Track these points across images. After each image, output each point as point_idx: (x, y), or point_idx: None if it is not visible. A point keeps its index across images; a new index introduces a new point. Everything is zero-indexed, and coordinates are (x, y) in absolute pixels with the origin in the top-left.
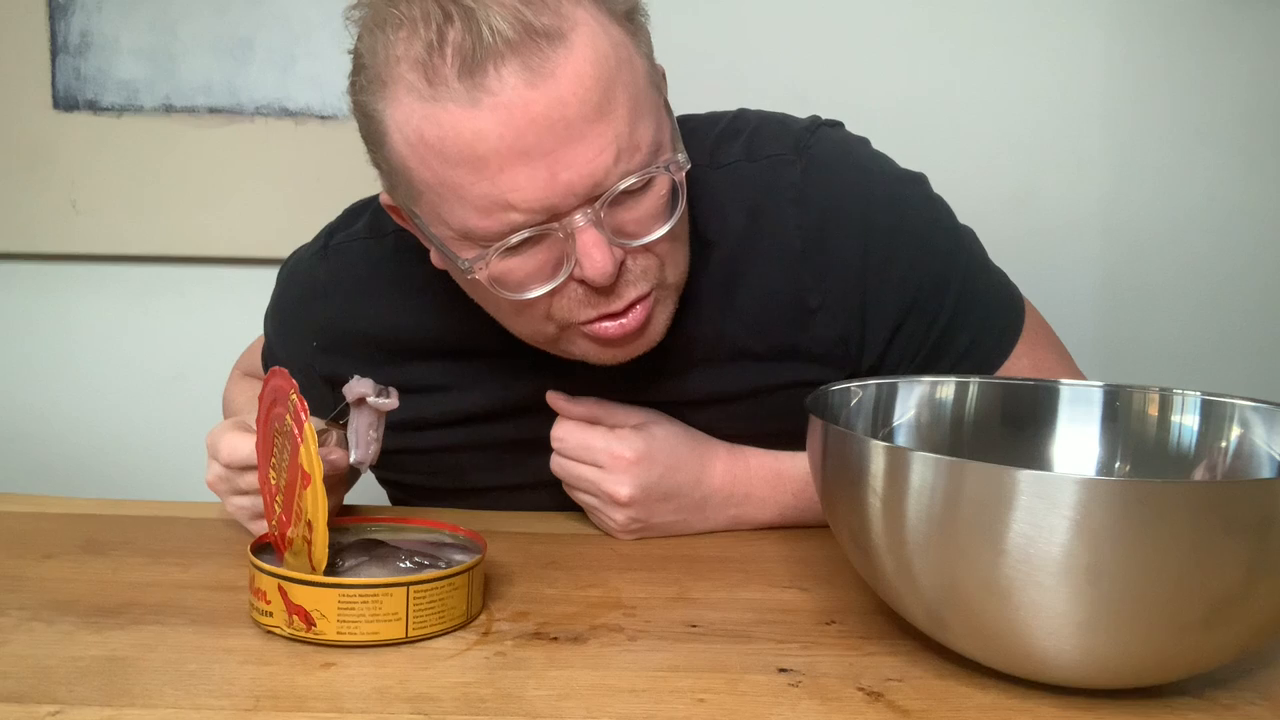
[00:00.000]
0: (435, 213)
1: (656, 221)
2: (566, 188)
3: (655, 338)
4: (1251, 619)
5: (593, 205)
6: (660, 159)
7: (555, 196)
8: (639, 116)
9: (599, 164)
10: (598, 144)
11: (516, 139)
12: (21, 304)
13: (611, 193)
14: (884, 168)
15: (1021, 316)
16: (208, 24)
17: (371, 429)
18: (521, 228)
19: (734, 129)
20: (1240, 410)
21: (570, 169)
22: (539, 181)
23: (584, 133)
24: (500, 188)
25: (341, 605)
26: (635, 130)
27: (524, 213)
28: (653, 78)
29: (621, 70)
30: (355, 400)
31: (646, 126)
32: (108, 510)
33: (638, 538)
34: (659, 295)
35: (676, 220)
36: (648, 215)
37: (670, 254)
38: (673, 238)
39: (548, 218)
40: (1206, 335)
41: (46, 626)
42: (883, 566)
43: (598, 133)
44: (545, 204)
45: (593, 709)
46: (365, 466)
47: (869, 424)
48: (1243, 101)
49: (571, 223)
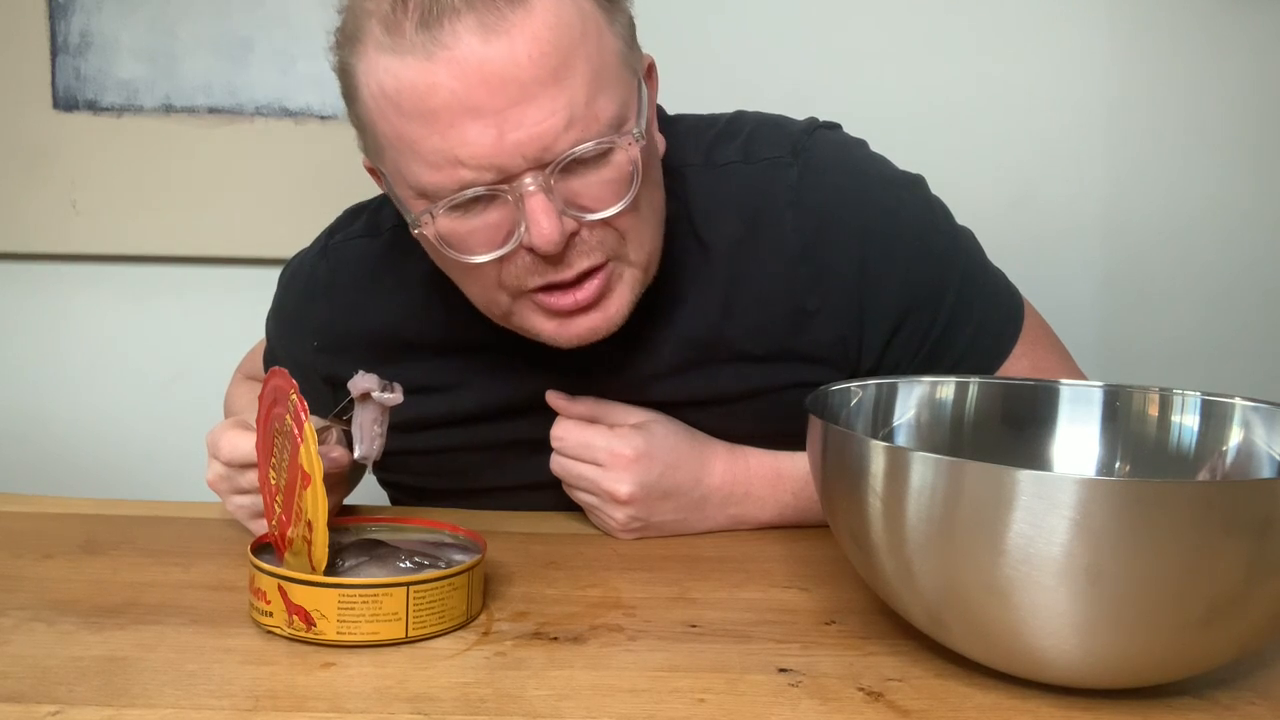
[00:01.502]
0: (396, 169)
1: (613, 197)
2: (515, 147)
3: (615, 318)
4: (1251, 619)
5: (543, 171)
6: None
7: (503, 155)
8: (599, 89)
9: (548, 126)
10: (549, 107)
11: (468, 94)
12: (21, 304)
13: (562, 159)
14: (882, 170)
15: (1021, 317)
16: (208, 24)
17: (376, 424)
18: (470, 185)
19: (731, 130)
20: (1240, 410)
21: (520, 129)
22: (487, 138)
23: (536, 94)
24: (450, 142)
25: (341, 605)
26: (593, 101)
27: (472, 169)
28: (627, 59)
29: (586, 41)
30: (360, 395)
31: (608, 101)
32: (107, 510)
33: (638, 537)
34: (617, 270)
35: (632, 197)
36: (604, 189)
37: (633, 230)
38: (635, 214)
39: (497, 178)
40: (1206, 335)
41: (46, 626)
42: (883, 566)
43: (550, 96)
44: (493, 161)
45: (593, 709)
46: (369, 462)
47: (869, 424)
48: (1243, 101)
49: (521, 186)
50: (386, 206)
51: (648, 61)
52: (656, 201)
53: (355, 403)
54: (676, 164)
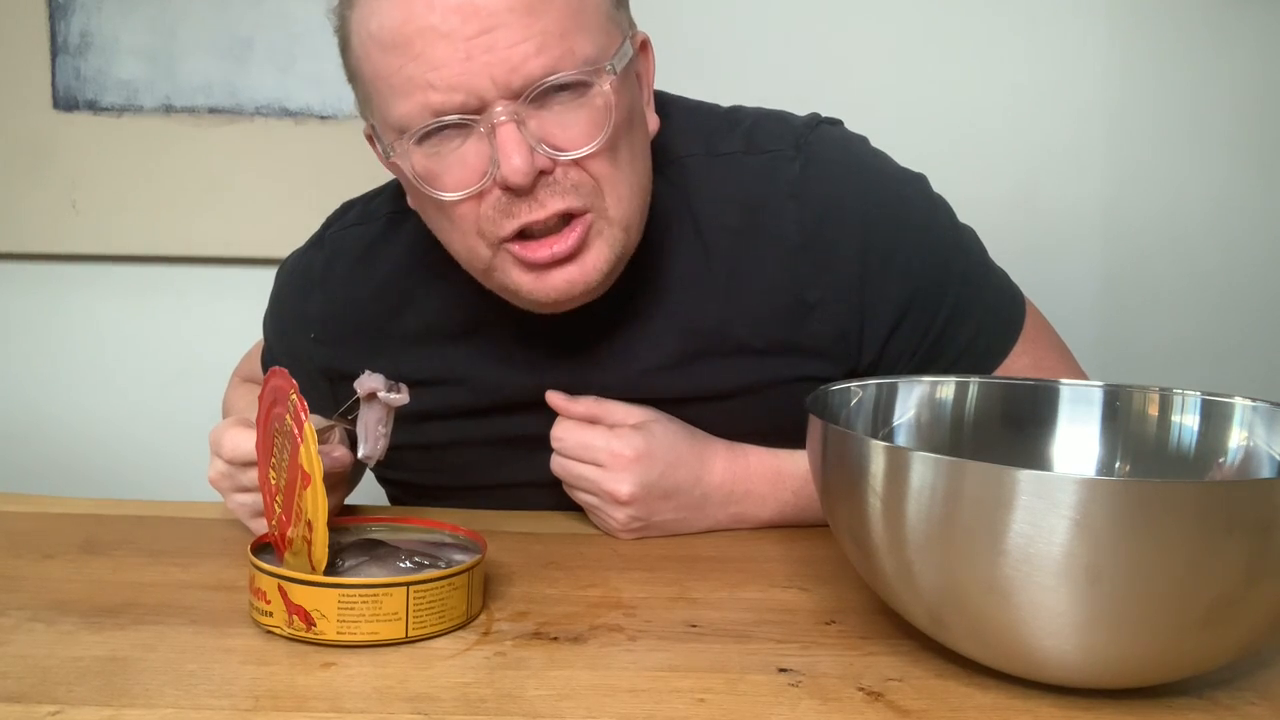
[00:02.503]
0: (380, 114)
1: (586, 136)
2: (483, 68)
3: (592, 273)
4: (1251, 619)
5: (515, 101)
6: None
7: (470, 75)
8: (578, 29)
9: (517, 50)
10: (520, 34)
11: (440, 20)
12: (21, 304)
13: (533, 89)
14: (883, 165)
15: (1022, 315)
16: (208, 24)
17: (380, 424)
18: (441, 110)
19: (732, 119)
20: (1241, 410)
21: (490, 52)
22: (456, 59)
23: (508, 21)
24: (421, 66)
25: (341, 605)
26: (569, 37)
27: (441, 91)
28: (613, 16)
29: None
30: (366, 395)
31: (586, 41)
32: (108, 510)
33: (638, 537)
34: (596, 224)
35: (606, 137)
36: (578, 127)
37: (609, 180)
38: (612, 162)
39: (467, 100)
40: (1206, 335)
41: (46, 626)
42: (883, 566)
43: (523, 24)
44: (461, 82)
45: (593, 709)
46: (373, 461)
47: (869, 424)
48: (1243, 101)
49: (492, 116)
50: (378, 196)
51: (642, 37)
52: (641, 165)
53: (360, 402)
54: (678, 153)
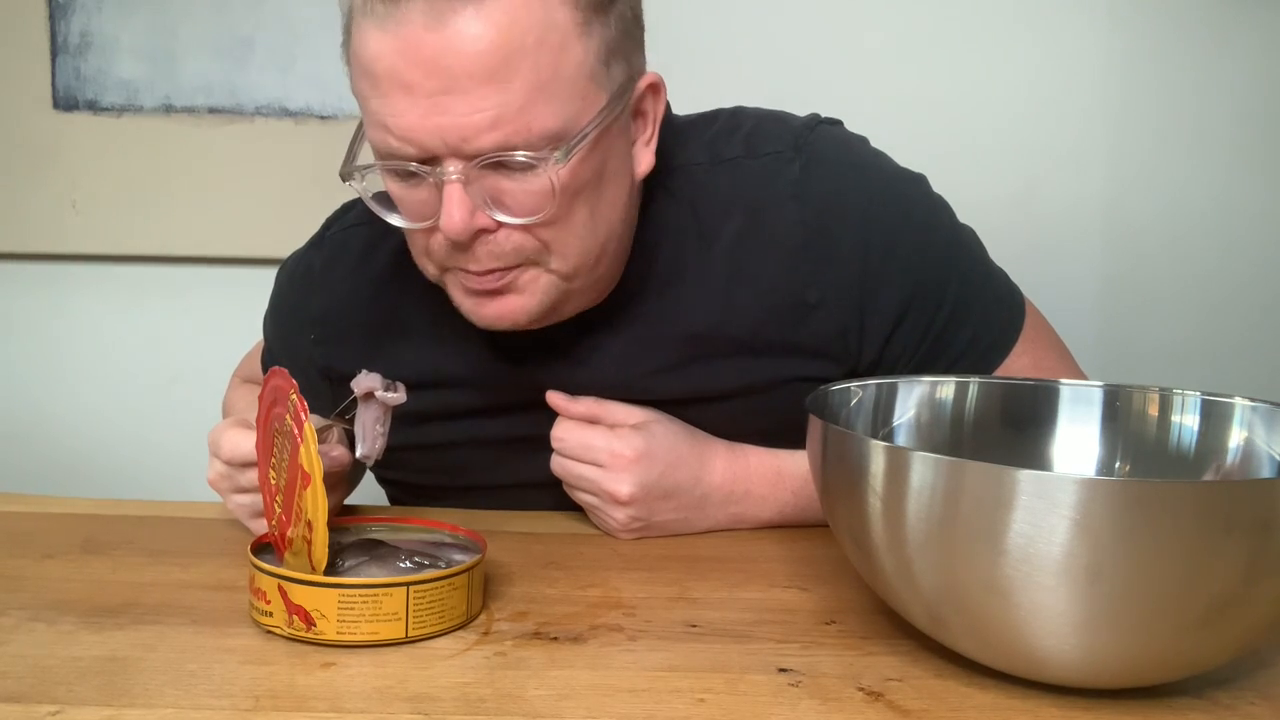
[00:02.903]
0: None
1: (532, 208)
2: (435, 130)
3: (521, 313)
4: (1251, 619)
5: (466, 162)
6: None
7: (423, 133)
8: (541, 100)
9: (470, 121)
10: (477, 104)
11: (405, 70)
12: (20, 304)
13: (483, 158)
14: (883, 165)
15: (1022, 315)
16: (208, 24)
17: (378, 424)
18: (397, 155)
19: (732, 124)
20: (1240, 410)
21: (444, 115)
22: (413, 115)
23: (467, 88)
24: (384, 109)
25: (341, 605)
26: (529, 109)
27: (398, 140)
28: (596, 75)
29: (541, 50)
30: (364, 394)
31: (549, 114)
32: (108, 510)
33: (638, 537)
34: (533, 274)
35: (548, 214)
36: (525, 197)
37: (558, 241)
38: (564, 227)
39: (419, 154)
40: (1206, 335)
41: (46, 626)
42: (883, 566)
43: (481, 94)
44: (414, 138)
45: (593, 709)
46: (371, 461)
47: (869, 424)
48: (1243, 101)
49: (443, 172)
50: None
51: (649, 80)
52: (603, 222)
53: (359, 401)
54: (681, 163)
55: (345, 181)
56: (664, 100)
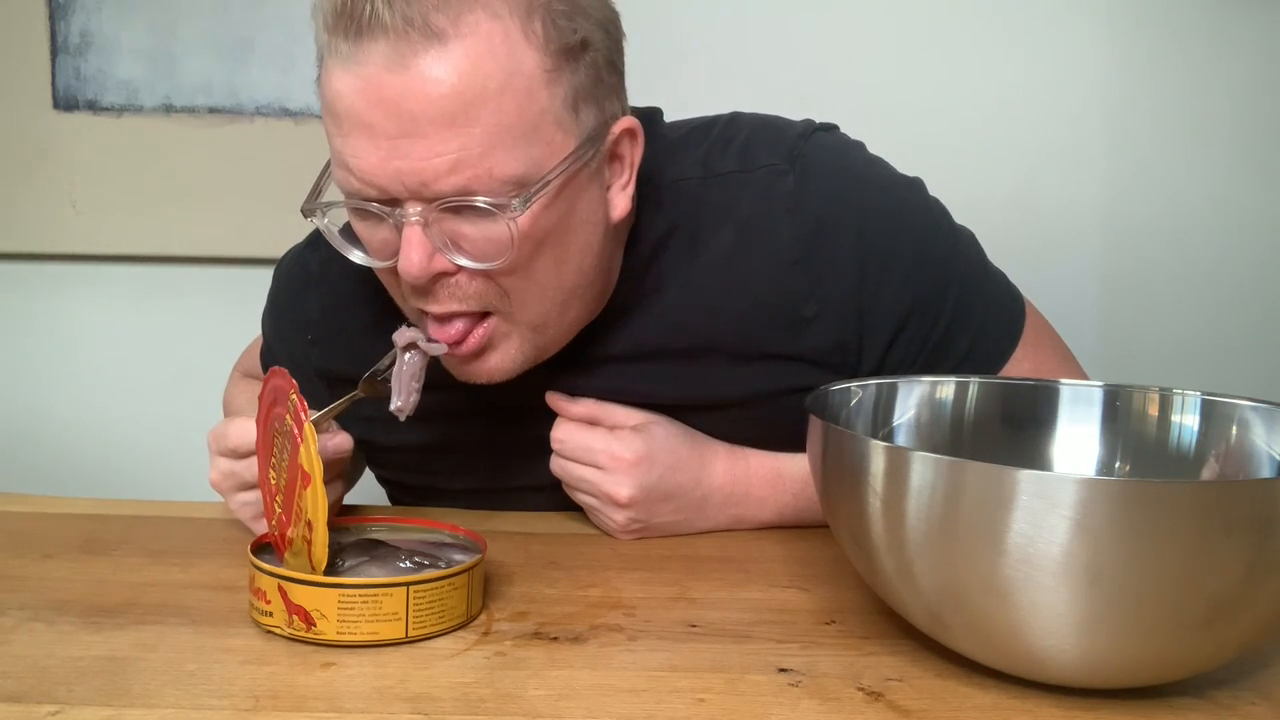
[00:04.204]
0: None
1: (492, 253)
2: (395, 173)
3: (498, 372)
4: (1251, 619)
5: (426, 205)
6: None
7: (384, 177)
8: (503, 146)
9: (430, 165)
10: (437, 148)
11: (365, 111)
12: (21, 304)
13: (442, 202)
14: (879, 173)
15: (1022, 318)
16: (208, 24)
17: (415, 379)
18: (358, 195)
19: (727, 136)
20: (1240, 410)
21: (405, 159)
22: (374, 157)
23: (427, 132)
24: (346, 149)
25: (341, 605)
26: (490, 155)
27: (359, 181)
28: (563, 121)
29: (504, 95)
30: (405, 345)
31: (511, 160)
32: (107, 510)
33: (638, 538)
34: (502, 328)
35: (506, 262)
36: (485, 243)
37: (518, 291)
38: (524, 277)
39: (380, 196)
40: (1206, 335)
41: (46, 626)
42: (883, 566)
43: (441, 139)
44: (374, 180)
45: (593, 709)
46: (404, 415)
47: (869, 424)
48: (1243, 101)
49: (404, 214)
50: None
51: (625, 125)
52: (570, 271)
53: (399, 354)
54: (674, 178)
55: (306, 218)
56: (641, 145)
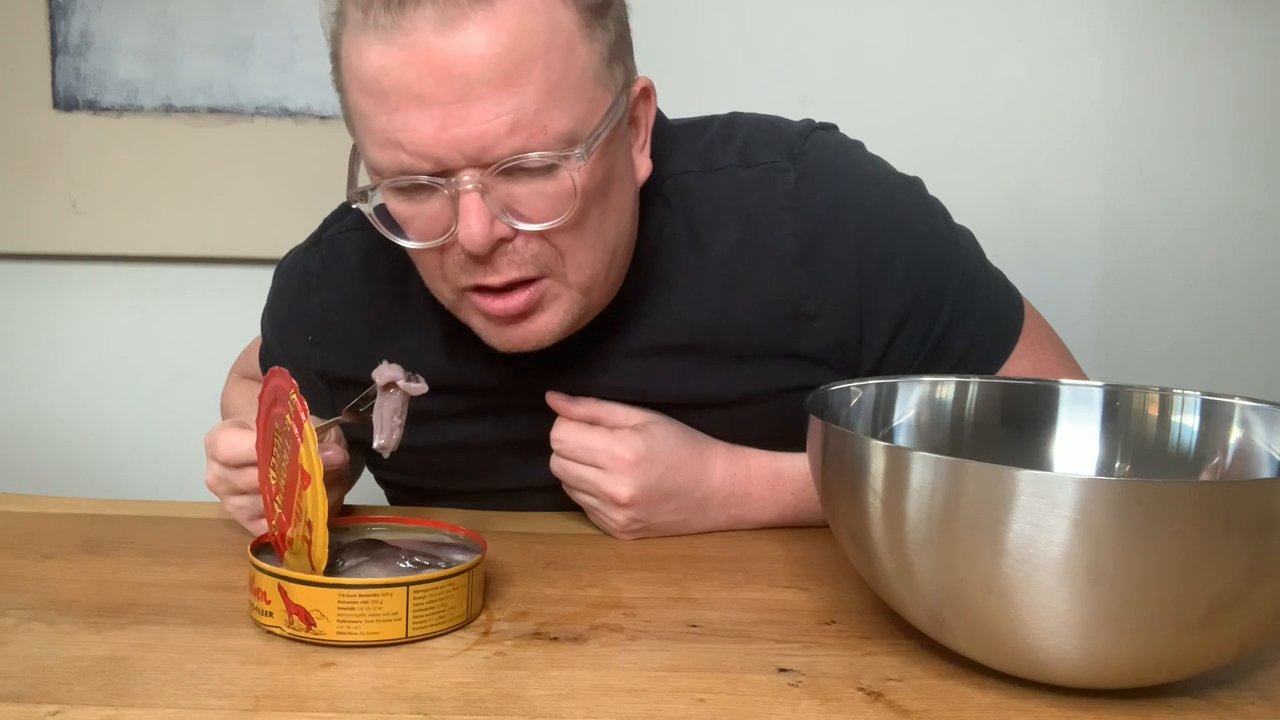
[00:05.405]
0: (360, 143)
1: (550, 211)
2: (453, 142)
3: (547, 334)
4: (1251, 619)
5: (482, 171)
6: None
7: (441, 147)
8: (554, 102)
9: (489, 128)
10: (494, 109)
11: (416, 81)
12: (21, 304)
13: (501, 163)
14: (879, 172)
15: (1021, 317)
16: (208, 24)
17: (396, 415)
18: (410, 171)
19: (726, 133)
20: (1240, 410)
21: (461, 125)
22: (429, 129)
23: (482, 94)
24: (395, 125)
25: (341, 605)
26: (544, 112)
27: (411, 155)
28: (601, 77)
29: (550, 52)
30: (385, 384)
31: (562, 115)
32: (107, 510)
33: (638, 538)
34: (553, 290)
35: (569, 216)
36: (543, 201)
37: (572, 250)
38: (576, 234)
39: (435, 168)
40: (1207, 336)
41: (46, 626)
42: (883, 566)
43: (498, 99)
44: (431, 152)
45: (593, 709)
46: (388, 452)
47: (869, 424)
48: (1243, 101)
49: (459, 182)
50: None
51: (641, 84)
52: (612, 228)
53: (378, 392)
54: (673, 170)
55: (353, 205)
56: (655, 105)
